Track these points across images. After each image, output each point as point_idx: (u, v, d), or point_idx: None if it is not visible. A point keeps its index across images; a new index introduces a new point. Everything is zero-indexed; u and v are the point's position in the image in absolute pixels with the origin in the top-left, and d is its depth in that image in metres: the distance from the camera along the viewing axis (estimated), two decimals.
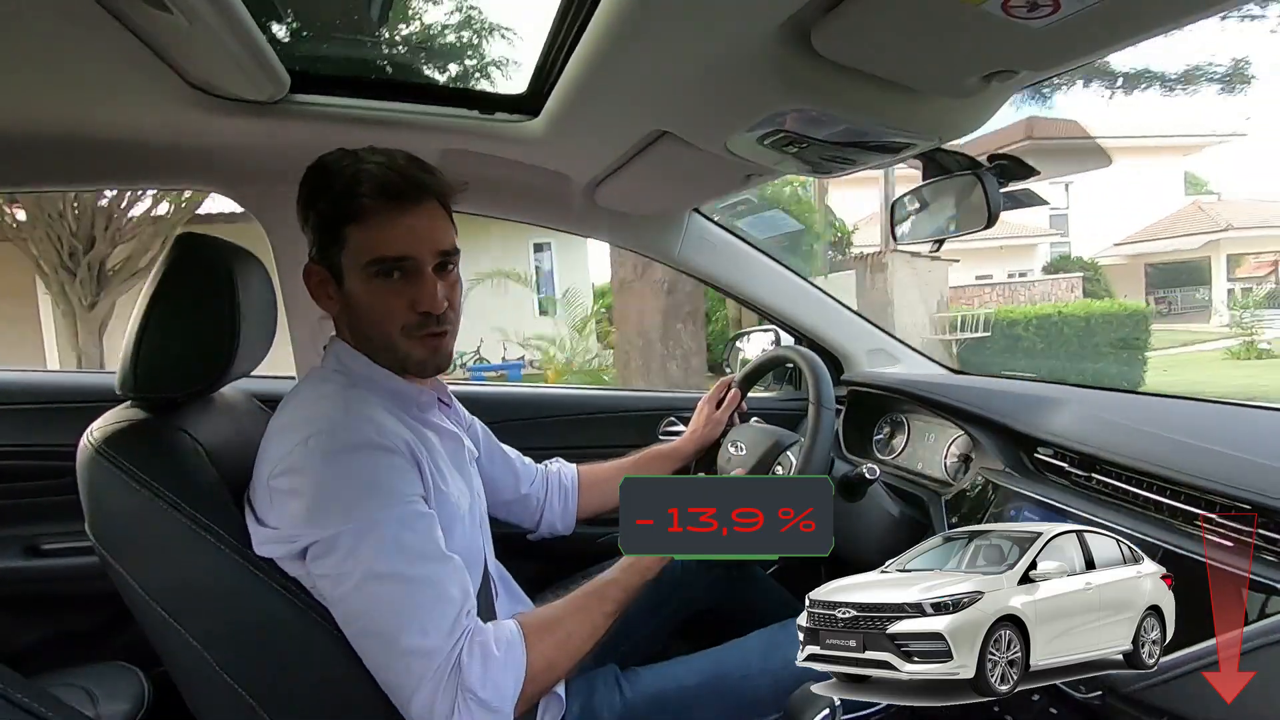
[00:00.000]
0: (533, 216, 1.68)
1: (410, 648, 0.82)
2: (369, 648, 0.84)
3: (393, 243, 0.91)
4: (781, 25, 0.75)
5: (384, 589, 0.83)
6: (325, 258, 0.95)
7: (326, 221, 0.93)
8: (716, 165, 1.18)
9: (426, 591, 0.84)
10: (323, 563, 0.84)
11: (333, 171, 0.93)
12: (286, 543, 0.85)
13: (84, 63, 0.96)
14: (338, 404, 0.91)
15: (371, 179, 0.90)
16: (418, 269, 0.93)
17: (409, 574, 0.84)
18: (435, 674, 0.82)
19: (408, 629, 0.82)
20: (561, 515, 1.36)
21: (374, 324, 0.95)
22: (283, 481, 0.85)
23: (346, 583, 0.83)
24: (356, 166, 0.92)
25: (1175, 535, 0.86)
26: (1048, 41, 0.68)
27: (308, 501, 0.84)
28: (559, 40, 1.00)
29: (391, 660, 0.83)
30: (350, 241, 0.92)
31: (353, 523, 0.83)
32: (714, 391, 1.51)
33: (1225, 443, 0.93)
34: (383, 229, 0.91)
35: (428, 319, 0.94)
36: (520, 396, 1.83)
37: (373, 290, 0.93)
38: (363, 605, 0.83)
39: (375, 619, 0.83)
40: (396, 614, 0.82)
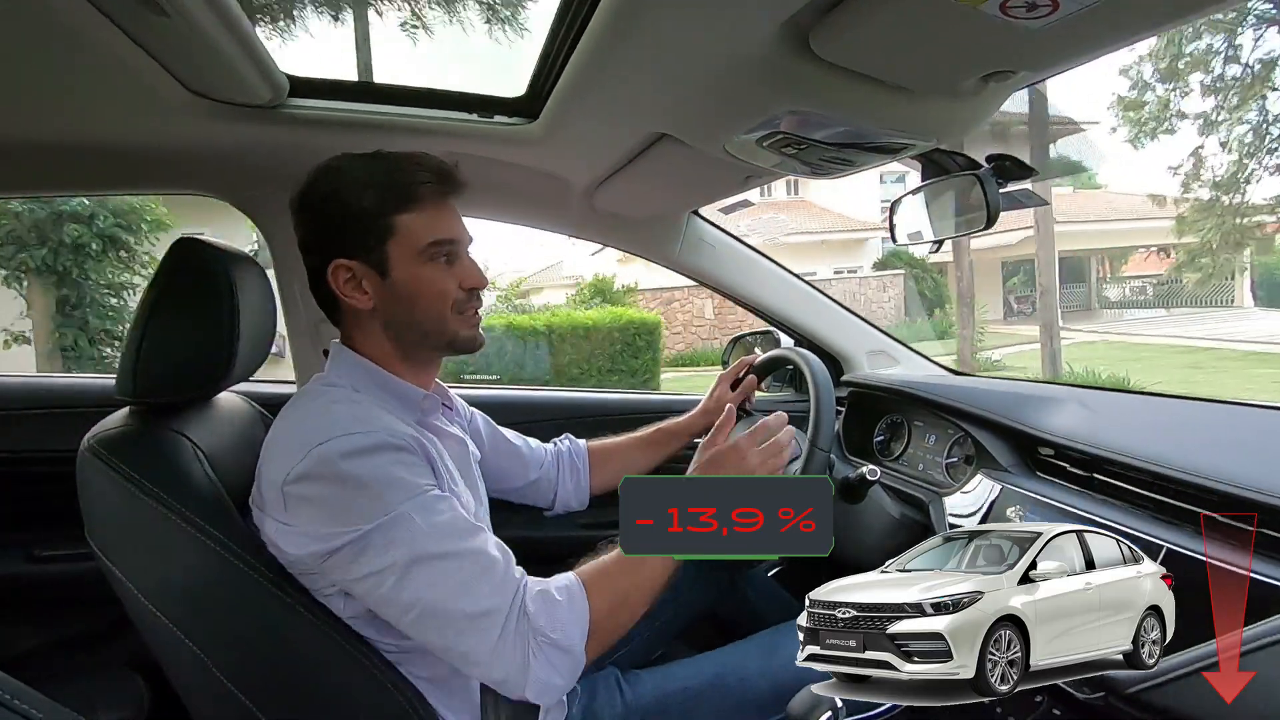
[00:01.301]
0: (532, 220, 1.69)
1: (473, 613, 0.83)
2: (431, 630, 0.84)
3: (447, 226, 0.98)
4: (780, 27, 0.76)
5: (429, 571, 0.83)
6: (365, 252, 0.95)
7: (369, 214, 0.95)
8: (715, 167, 1.18)
9: (469, 562, 0.85)
10: (358, 565, 0.84)
11: (382, 163, 0.97)
12: (315, 541, 0.85)
13: (81, 68, 0.96)
14: (348, 409, 0.91)
15: (429, 167, 0.97)
16: (461, 251, 1.00)
17: (448, 550, 0.84)
18: (504, 628, 0.83)
19: (464, 599, 0.83)
20: (575, 493, 1.37)
21: (427, 306, 0.98)
22: (300, 488, 0.85)
23: (390, 577, 0.83)
24: (410, 158, 0.97)
25: (1176, 534, 0.86)
26: (1046, 42, 0.68)
27: (331, 505, 0.84)
28: (557, 43, 1.00)
29: (458, 634, 0.83)
30: (401, 229, 0.95)
31: (380, 518, 0.83)
32: (733, 369, 1.49)
33: (1225, 441, 0.93)
34: (438, 212, 0.98)
35: (473, 295, 1.01)
36: (518, 399, 1.83)
37: (428, 273, 0.97)
38: (412, 593, 0.83)
39: (429, 601, 0.83)
40: (449, 590, 0.83)
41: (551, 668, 0.84)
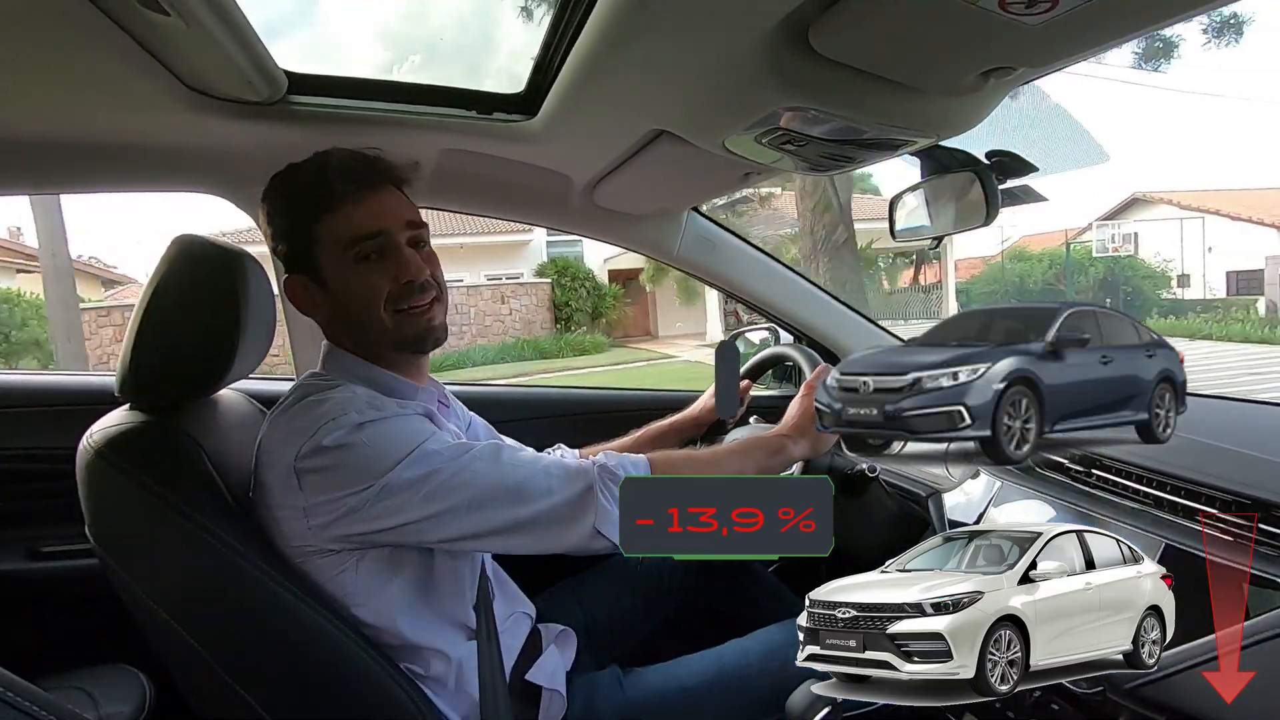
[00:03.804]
0: (531, 216, 1.68)
1: (527, 478, 0.90)
2: (493, 510, 0.88)
3: (367, 220, 0.94)
4: (779, 23, 0.75)
5: (481, 466, 0.89)
6: (303, 264, 0.96)
7: (297, 224, 0.95)
8: (715, 164, 1.18)
9: (509, 451, 0.92)
10: (394, 502, 0.86)
11: (294, 176, 0.97)
12: (330, 512, 0.86)
13: (81, 66, 0.96)
14: (350, 393, 0.92)
15: (336, 167, 0.94)
16: (393, 244, 0.96)
17: (488, 452, 0.91)
18: (565, 470, 0.92)
19: (512, 473, 0.90)
20: None
21: (362, 309, 0.96)
22: (314, 460, 0.86)
23: (442, 494, 0.87)
24: (318, 164, 0.96)
25: (1176, 532, 0.86)
26: (1045, 38, 0.68)
27: (354, 462, 0.86)
28: (556, 39, 0.99)
29: (518, 500, 0.89)
30: (324, 233, 0.94)
31: (408, 456, 0.86)
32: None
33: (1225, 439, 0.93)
34: (357, 208, 0.94)
35: (410, 288, 0.96)
36: (515, 396, 1.83)
37: (355, 276, 0.95)
38: (471, 490, 0.88)
39: (484, 485, 0.88)
40: (517, 476, 0.90)
41: (615, 499, 0.89)
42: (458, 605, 0.99)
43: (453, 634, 0.98)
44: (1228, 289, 15.33)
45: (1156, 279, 15.35)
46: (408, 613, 0.94)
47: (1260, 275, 14.64)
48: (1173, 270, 15.66)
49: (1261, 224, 14.72)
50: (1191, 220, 15.68)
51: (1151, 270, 15.42)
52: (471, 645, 0.99)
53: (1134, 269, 15.27)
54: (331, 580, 0.90)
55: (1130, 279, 15.06)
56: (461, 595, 1.00)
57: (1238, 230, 14.97)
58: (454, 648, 0.97)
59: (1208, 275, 15.74)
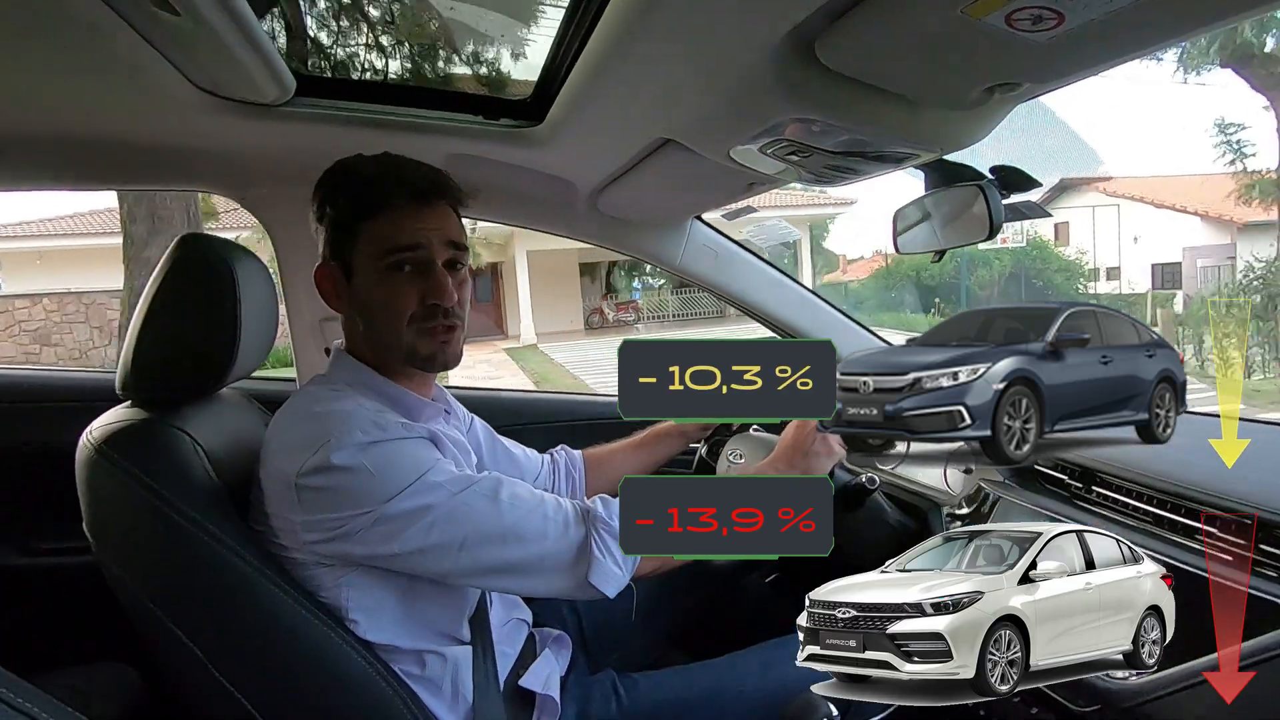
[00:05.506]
0: (535, 222, 1.69)
1: (522, 522, 0.91)
2: (486, 552, 0.89)
3: (407, 234, 0.94)
4: (786, 35, 0.76)
5: (465, 509, 0.88)
6: (338, 255, 0.96)
7: (343, 218, 0.95)
8: (719, 173, 1.19)
9: (508, 489, 0.92)
10: (389, 529, 0.86)
11: (356, 170, 0.96)
12: (325, 531, 0.86)
13: (91, 64, 0.97)
14: (356, 405, 0.92)
15: (396, 176, 0.94)
16: (429, 262, 0.95)
17: (488, 489, 0.91)
18: (562, 520, 0.93)
19: (508, 515, 0.90)
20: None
21: (383, 317, 0.95)
22: (316, 479, 0.85)
23: (437, 530, 0.87)
24: (380, 166, 0.95)
25: (1175, 548, 0.86)
26: (1050, 55, 0.68)
27: (355, 486, 0.85)
28: (564, 46, 1.00)
29: (515, 542, 0.90)
30: (364, 236, 0.94)
31: (409, 487, 0.86)
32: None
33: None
34: (399, 222, 0.94)
35: (435, 311, 0.95)
36: (515, 401, 1.84)
37: (384, 283, 0.94)
38: (456, 530, 0.88)
39: (476, 527, 0.89)
40: (513, 516, 0.90)
41: (609, 553, 0.91)
42: (454, 611, 0.99)
43: (448, 638, 0.98)
44: (1152, 282, 13.93)
45: (1071, 271, 14.11)
46: (403, 619, 0.94)
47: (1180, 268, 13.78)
48: (1088, 263, 14.52)
49: (1184, 211, 13.53)
50: (1107, 209, 14.58)
51: (1066, 263, 14.24)
52: (467, 650, 0.98)
53: (1046, 261, 14.08)
54: (327, 586, 0.90)
55: (1042, 272, 13.88)
56: (457, 602, 0.99)
57: (1165, 218, 13.78)
58: (449, 652, 0.97)
59: (1129, 267, 14.70)
